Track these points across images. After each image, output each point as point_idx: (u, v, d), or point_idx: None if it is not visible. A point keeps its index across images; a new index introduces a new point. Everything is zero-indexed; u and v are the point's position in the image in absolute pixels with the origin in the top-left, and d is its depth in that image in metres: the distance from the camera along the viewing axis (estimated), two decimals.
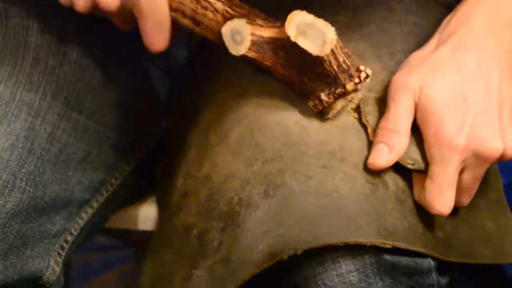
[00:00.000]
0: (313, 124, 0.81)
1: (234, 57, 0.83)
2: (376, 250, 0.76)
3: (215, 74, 0.90)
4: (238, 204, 0.77)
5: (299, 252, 0.73)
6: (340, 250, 0.75)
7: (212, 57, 0.94)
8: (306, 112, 0.82)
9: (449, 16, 0.84)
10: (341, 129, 0.81)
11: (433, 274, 0.81)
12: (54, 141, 0.87)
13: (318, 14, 0.88)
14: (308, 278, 0.76)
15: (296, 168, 0.77)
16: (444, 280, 0.83)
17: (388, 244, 0.75)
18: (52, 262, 0.87)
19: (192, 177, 0.84)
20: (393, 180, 0.79)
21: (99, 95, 0.93)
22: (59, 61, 0.90)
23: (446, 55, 0.80)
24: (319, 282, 0.76)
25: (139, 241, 1.57)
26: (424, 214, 0.80)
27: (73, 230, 0.91)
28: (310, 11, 0.89)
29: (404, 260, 0.78)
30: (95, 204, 0.94)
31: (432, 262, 0.80)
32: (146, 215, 1.03)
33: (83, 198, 0.92)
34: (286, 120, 0.81)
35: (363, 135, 0.81)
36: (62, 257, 0.89)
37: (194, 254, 0.80)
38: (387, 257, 0.77)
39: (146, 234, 1.38)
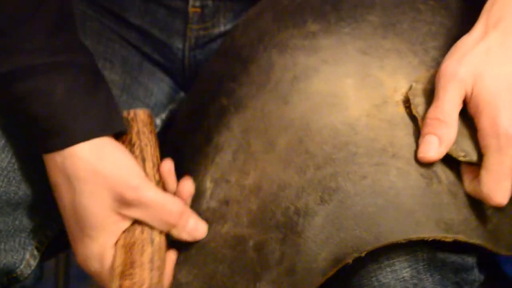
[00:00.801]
0: (361, 121, 0.80)
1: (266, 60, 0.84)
2: (428, 246, 0.77)
3: (243, 77, 0.89)
4: (295, 214, 0.77)
5: (362, 255, 0.73)
6: (394, 247, 0.75)
7: (233, 59, 0.92)
8: (352, 109, 0.81)
9: (490, 1, 0.83)
10: (389, 123, 0.80)
11: (475, 271, 0.81)
12: None
13: (350, 15, 0.89)
14: (362, 275, 0.76)
15: (349, 169, 0.77)
16: (482, 277, 0.83)
17: (450, 237, 0.75)
18: (27, 256, 0.86)
19: (232, 184, 0.83)
20: (445, 173, 0.79)
21: None
22: None
23: (496, 42, 0.79)
24: (373, 279, 0.76)
25: None
26: (475, 207, 0.79)
27: (54, 225, 0.89)
28: (340, 11, 0.89)
29: (453, 256, 0.78)
30: None
31: (475, 259, 0.81)
32: None
33: None
34: (332, 122, 0.81)
35: (412, 129, 0.80)
36: (41, 251, 0.88)
37: (254, 267, 0.78)
38: (438, 253, 0.77)
39: None
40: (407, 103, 0.82)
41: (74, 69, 0.79)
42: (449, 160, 0.79)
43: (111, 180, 0.77)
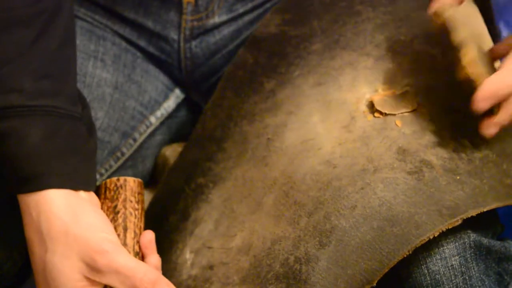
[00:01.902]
0: (336, 153, 0.79)
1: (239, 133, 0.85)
2: (474, 232, 0.75)
3: (218, 155, 0.89)
4: (296, 263, 0.76)
5: (374, 284, 0.72)
6: (443, 234, 0.73)
7: (207, 142, 0.92)
8: (325, 145, 0.80)
9: None
10: (362, 139, 0.78)
11: None
12: None
13: (295, 55, 0.89)
14: (411, 263, 0.74)
15: (338, 205, 0.75)
16: None
17: (456, 221, 0.71)
18: (14, 253, 0.84)
19: (215, 249, 0.82)
20: (435, 155, 0.76)
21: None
22: None
23: None
24: (423, 267, 0.74)
25: None
26: (483, 170, 0.75)
27: None
28: (287, 56, 0.89)
29: (497, 244, 0.77)
30: None
31: None
32: None
33: None
34: (311, 166, 0.79)
35: (385, 132, 0.78)
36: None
37: None
38: (483, 240, 0.75)
39: None
40: (372, 107, 0.80)
41: (57, 116, 0.77)
42: (438, 140, 0.77)
43: (84, 243, 0.75)
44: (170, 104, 1.02)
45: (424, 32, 0.86)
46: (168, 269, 0.84)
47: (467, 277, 0.74)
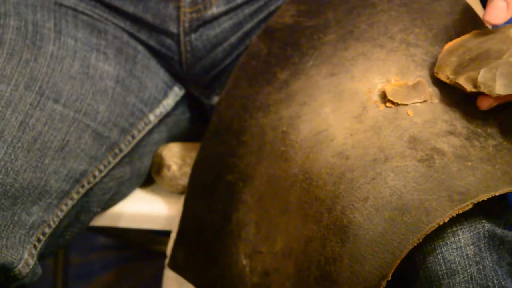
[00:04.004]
0: (347, 144, 0.79)
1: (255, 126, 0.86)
2: (488, 221, 0.75)
3: (240, 149, 0.89)
4: (327, 264, 0.75)
5: (389, 278, 0.71)
6: (459, 223, 0.74)
7: (225, 135, 0.92)
8: (337, 136, 0.80)
9: None
10: (373, 129, 0.78)
11: None
12: (27, 129, 0.86)
13: (309, 46, 0.89)
14: (427, 252, 0.74)
15: (352, 198, 0.75)
16: None
17: (467, 205, 0.71)
18: (26, 255, 0.85)
19: (265, 254, 0.83)
20: (447, 143, 0.75)
21: (79, 84, 0.93)
22: (34, 54, 0.91)
23: None
24: (439, 256, 0.74)
25: (139, 241, 1.54)
26: (497, 157, 0.75)
27: (51, 223, 0.89)
28: (301, 47, 0.90)
29: (510, 235, 0.76)
30: (75, 196, 0.91)
31: None
32: (145, 212, 1.02)
33: (61, 188, 0.89)
34: (326, 159, 0.79)
35: (396, 121, 0.78)
36: (38, 249, 0.87)
37: None
38: (498, 230, 0.75)
39: (145, 233, 1.32)
40: (384, 97, 0.80)
41: None
42: (450, 128, 0.77)
43: None
44: (169, 102, 1.03)
45: (439, 25, 0.86)
46: (232, 276, 0.86)
47: (481, 267, 0.73)
